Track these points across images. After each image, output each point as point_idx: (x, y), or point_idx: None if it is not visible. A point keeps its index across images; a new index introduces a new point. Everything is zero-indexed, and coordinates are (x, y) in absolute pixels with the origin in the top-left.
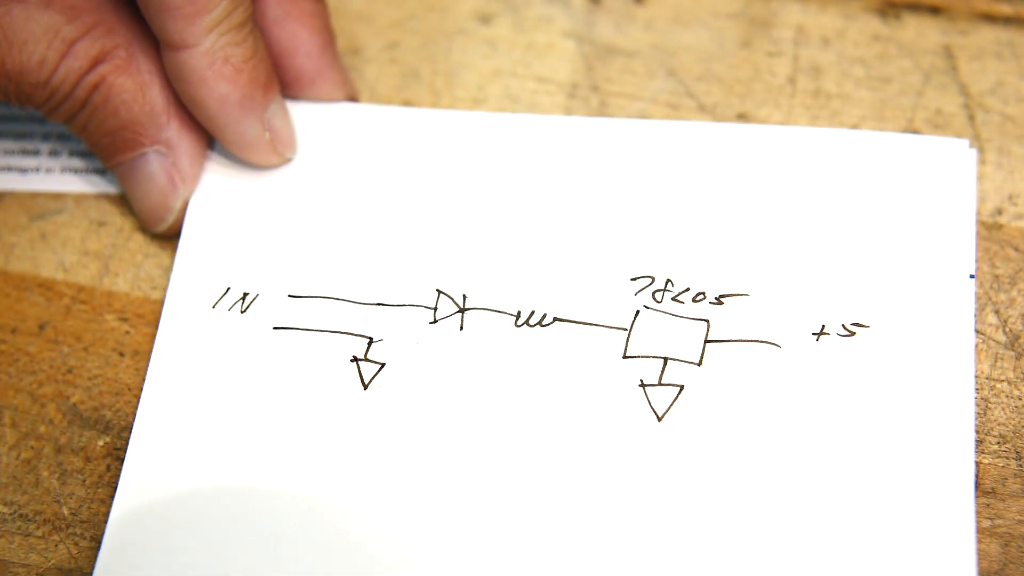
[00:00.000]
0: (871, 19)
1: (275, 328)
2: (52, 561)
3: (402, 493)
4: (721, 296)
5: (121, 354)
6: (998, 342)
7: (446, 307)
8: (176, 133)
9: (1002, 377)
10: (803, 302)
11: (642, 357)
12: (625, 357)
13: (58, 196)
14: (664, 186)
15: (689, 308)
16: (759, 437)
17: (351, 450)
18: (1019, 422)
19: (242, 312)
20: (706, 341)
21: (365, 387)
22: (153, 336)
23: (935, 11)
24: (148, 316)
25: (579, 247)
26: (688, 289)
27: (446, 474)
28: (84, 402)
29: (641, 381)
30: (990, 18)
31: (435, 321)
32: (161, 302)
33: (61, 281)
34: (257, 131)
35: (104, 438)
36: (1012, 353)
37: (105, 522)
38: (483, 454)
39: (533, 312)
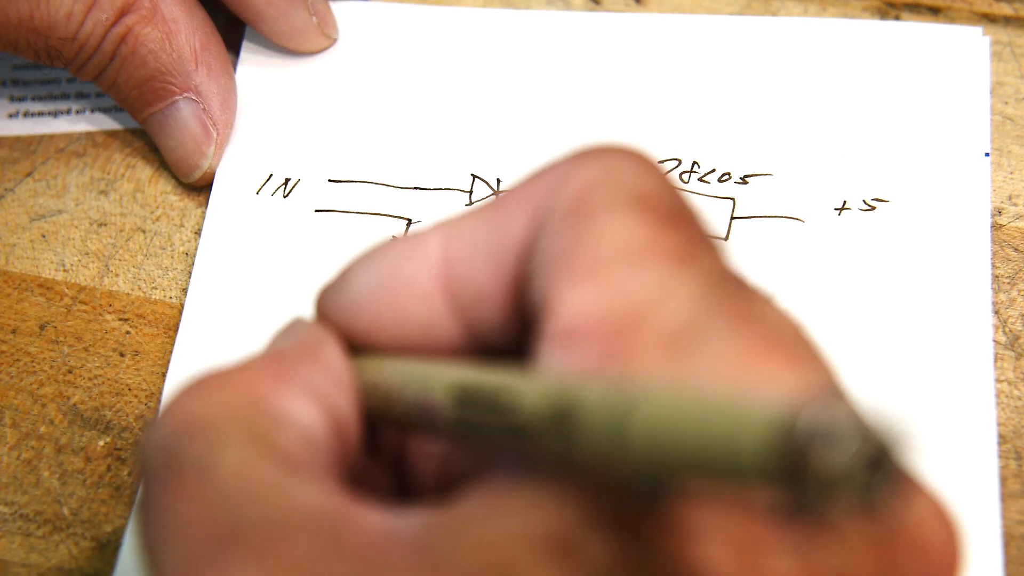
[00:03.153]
0: (871, 19)
1: (316, 211)
2: (53, 561)
3: None
4: (746, 176)
5: (121, 354)
6: (998, 342)
7: (481, 190)
8: (205, 79)
9: (1002, 377)
10: (825, 180)
11: None
12: None
13: (58, 196)
14: (690, 75)
15: (715, 188)
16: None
17: None
18: (1019, 422)
19: (284, 196)
20: (732, 218)
21: None
22: (154, 336)
23: (935, 11)
24: (148, 316)
25: (608, 132)
26: (714, 170)
27: None
28: (85, 402)
29: None
30: (990, 18)
31: (470, 203)
32: (161, 302)
33: (61, 281)
34: (305, 17)
35: (105, 438)
36: (1012, 353)
37: (105, 522)
38: None
39: None
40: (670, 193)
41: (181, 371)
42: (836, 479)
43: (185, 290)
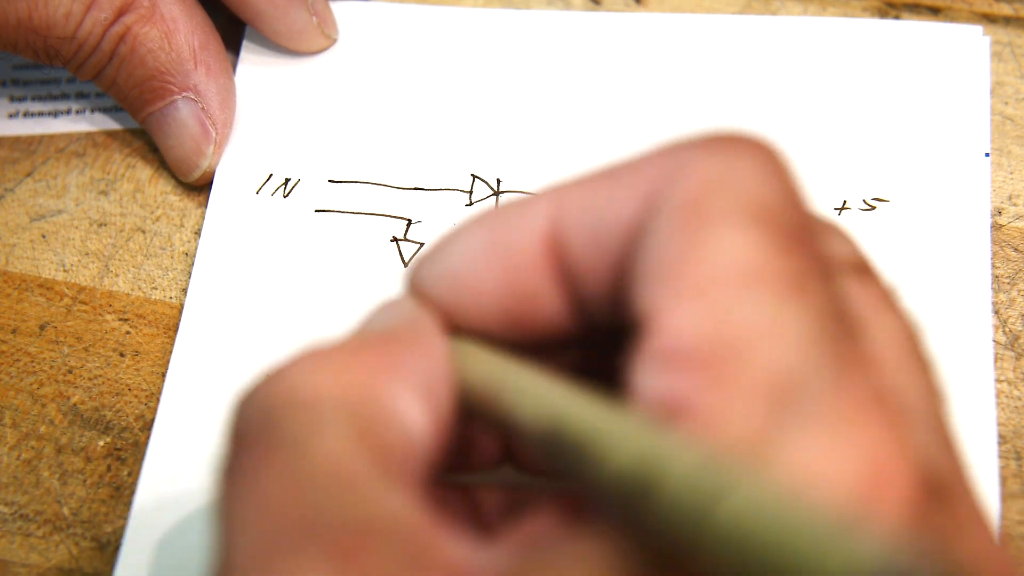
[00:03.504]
0: (871, 19)
1: (316, 211)
2: (53, 561)
3: None
4: None
5: (121, 354)
6: (998, 342)
7: (481, 191)
8: (204, 78)
9: (1002, 377)
10: (825, 180)
11: None
12: None
13: (58, 196)
14: (690, 75)
15: None
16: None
17: None
18: (1019, 422)
19: (284, 197)
20: None
21: (405, 265)
22: (154, 337)
23: (935, 11)
24: (149, 316)
25: (609, 133)
26: None
27: None
28: (85, 402)
29: None
30: (990, 18)
31: (471, 204)
32: (161, 302)
33: (61, 281)
34: (305, 18)
35: (105, 438)
36: (1012, 353)
37: (105, 522)
38: None
39: None
40: (794, 205)
41: (181, 371)
42: None
43: (185, 290)
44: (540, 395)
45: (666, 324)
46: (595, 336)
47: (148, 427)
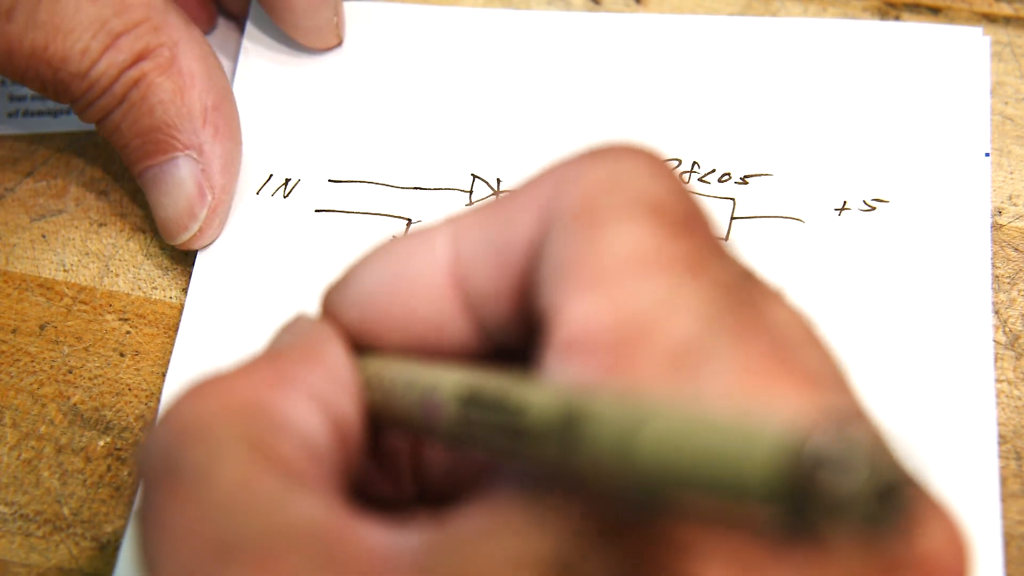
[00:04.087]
0: (871, 19)
1: (316, 211)
2: (53, 561)
3: None
4: (746, 176)
5: (122, 354)
6: (998, 342)
7: (481, 190)
8: (210, 139)
9: (1002, 377)
10: (825, 180)
11: None
12: None
13: (59, 196)
14: (690, 76)
15: (715, 188)
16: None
17: None
18: (1019, 422)
19: (284, 197)
20: (732, 218)
21: None
22: (154, 337)
23: (935, 11)
24: (149, 316)
25: (608, 132)
26: (714, 171)
27: None
28: (85, 402)
29: None
30: (990, 18)
31: (471, 203)
32: (161, 302)
33: (62, 281)
34: (330, 16)
35: (105, 438)
36: (1012, 353)
37: (105, 522)
38: None
39: None
40: (680, 197)
41: (181, 371)
42: (842, 506)
43: (185, 290)
44: (457, 373)
45: (569, 316)
46: (506, 360)
47: (148, 426)
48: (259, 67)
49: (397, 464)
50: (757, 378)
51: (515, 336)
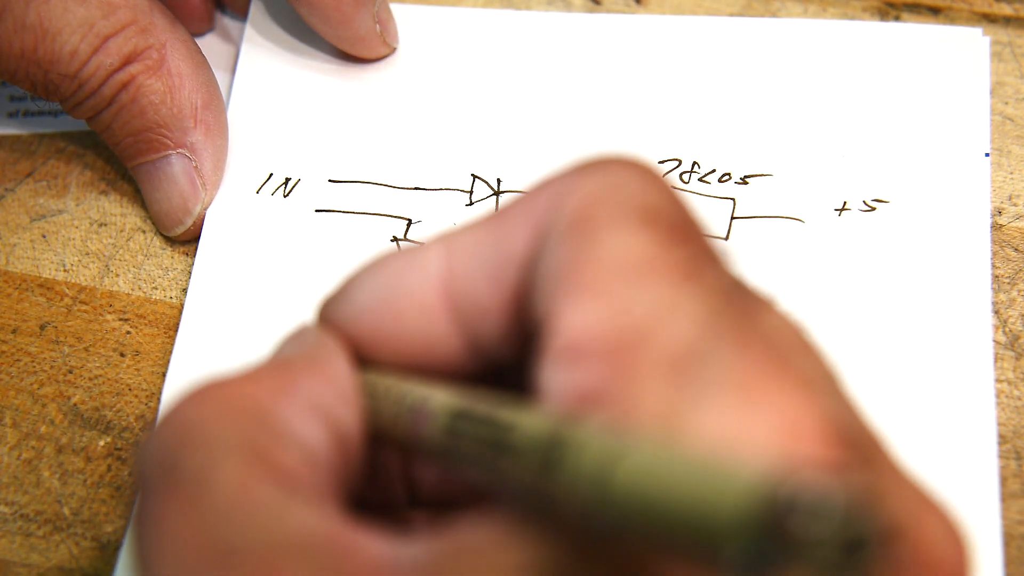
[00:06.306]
0: (871, 19)
1: (317, 211)
2: (53, 561)
3: None
4: (746, 176)
5: (122, 354)
6: (998, 342)
7: (481, 191)
8: (201, 138)
9: (1002, 377)
10: (825, 181)
11: None
12: None
13: (59, 196)
14: (690, 76)
15: (715, 188)
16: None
17: None
18: (1019, 422)
19: (284, 196)
20: (732, 218)
21: None
22: (154, 337)
23: (935, 11)
24: (149, 316)
25: (608, 133)
26: (714, 171)
27: None
28: (85, 402)
29: None
30: (990, 18)
31: (471, 204)
32: (161, 302)
33: (62, 281)
34: (370, 25)
35: (105, 438)
36: (1012, 353)
37: (106, 522)
38: None
39: None
40: (675, 206)
41: (181, 371)
42: (808, 551)
43: (185, 290)
44: (448, 391)
45: (567, 322)
46: (497, 378)
47: (148, 427)
48: (259, 67)
49: (388, 471)
50: (755, 383)
51: (508, 353)
